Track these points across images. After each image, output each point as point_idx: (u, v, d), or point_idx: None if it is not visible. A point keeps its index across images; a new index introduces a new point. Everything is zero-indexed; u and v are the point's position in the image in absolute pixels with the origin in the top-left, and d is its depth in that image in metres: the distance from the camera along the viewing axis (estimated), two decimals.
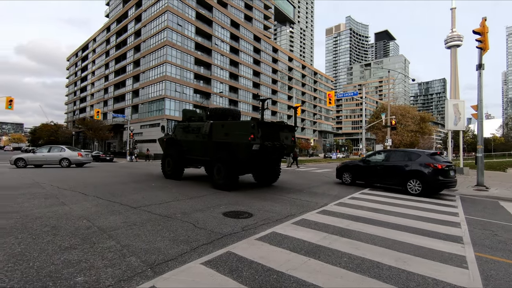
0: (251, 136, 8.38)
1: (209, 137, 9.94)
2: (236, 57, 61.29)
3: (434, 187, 8.92)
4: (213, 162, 9.53)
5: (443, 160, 9.47)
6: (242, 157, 8.86)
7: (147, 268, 2.97)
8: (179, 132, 11.64)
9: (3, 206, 5.60)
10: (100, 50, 70.68)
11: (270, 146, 8.77)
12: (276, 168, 10.83)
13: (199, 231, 4.30)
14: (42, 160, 17.39)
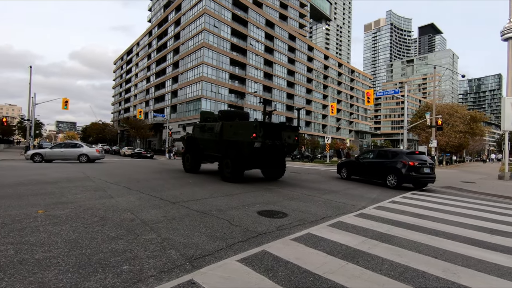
0: (253, 135, 9.48)
1: (220, 136, 11.13)
2: (270, 56, 61.32)
3: (407, 181, 10.46)
4: (223, 158, 10.88)
5: (419, 158, 10.76)
6: (246, 154, 10.00)
7: (185, 261, 3.08)
8: (197, 131, 12.99)
9: (60, 197, 6.19)
10: (143, 53, 75.09)
11: (270, 144, 9.87)
12: (281, 164, 11.94)
13: (234, 229, 4.36)
14: (59, 156, 18.06)
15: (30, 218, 4.47)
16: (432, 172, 10.80)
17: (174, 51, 58.04)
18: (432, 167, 10.81)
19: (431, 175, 10.72)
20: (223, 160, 10.88)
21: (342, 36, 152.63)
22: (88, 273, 2.70)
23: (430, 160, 11.17)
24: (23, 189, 7.04)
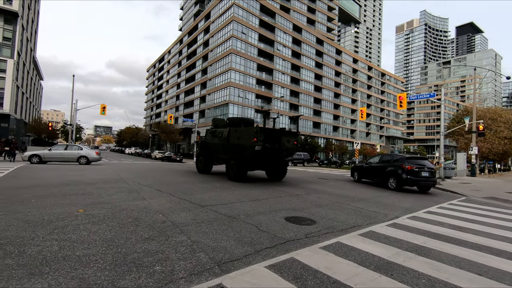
0: (254, 139, 10.61)
1: (227, 140, 12.47)
2: (297, 61, 61.07)
3: (405, 183, 11.34)
4: (229, 160, 12.22)
5: (417, 163, 11.51)
6: (248, 156, 11.16)
7: (214, 265, 3.12)
8: (209, 136, 14.46)
9: (98, 197, 6.58)
10: (174, 61, 78.20)
11: (269, 148, 11.00)
12: (282, 166, 12.99)
13: (262, 234, 4.35)
14: (59, 158, 18.00)
15: (72, 216, 4.79)
16: (432, 176, 11.49)
17: (203, 58, 59.80)
18: (432, 171, 11.52)
19: (430, 179, 11.43)
20: (229, 162, 12.20)
21: (372, 38, 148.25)
22: (123, 272, 2.83)
23: (431, 165, 11.88)
24: (66, 189, 7.58)
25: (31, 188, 7.44)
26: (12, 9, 43.16)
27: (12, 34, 44.38)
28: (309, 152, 47.38)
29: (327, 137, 66.78)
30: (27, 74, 54.91)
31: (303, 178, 14.97)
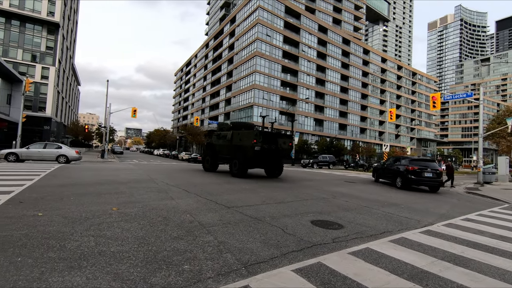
0: (254, 141, 12.42)
1: (230, 142, 14.20)
2: (323, 62, 60.13)
3: (409, 182, 12.51)
4: (232, 159, 13.92)
5: (420, 164, 12.65)
6: (249, 155, 12.96)
7: (241, 266, 3.14)
8: (214, 138, 16.04)
9: (130, 196, 6.88)
10: (200, 65, 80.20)
11: (267, 148, 12.82)
12: (278, 165, 14.83)
13: (288, 237, 4.31)
14: (37, 156, 17.69)
15: (106, 214, 5.05)
16: (437, 177, 12.37)
17: (229, 61, 60.74)
18: (436, 172, 12.39)
19: (434, 179, 12.35)
20: (232, 161, 13.96)
21: (402, 36, 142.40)
22: (154, 269, 2.93)
23: (436, 166, 12.80)
24: (100, 188, 8.01)
25: (70, 187, 7.95)
26: (54, 20, 46.62)
27: (54, 43, 47.93)
28: (335, 154, 46.33)
29: (353, 139, 64.95)
30: (66, 80, 58.96)
31: (328, 181, 14.66)
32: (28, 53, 46.32)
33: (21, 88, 30.65)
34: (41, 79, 46.43)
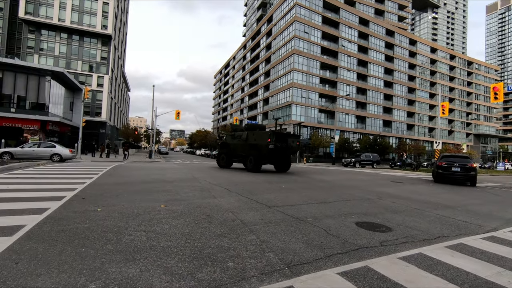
0: (268, 140, 14.35)
1: (246, 141, 16.09)
2: (364, 56, 57.38)
3: (438, 176, 14.09)
4: (247, 156, 15.87)
5: (449, 160, 13.96)
6: (264, 153, 14.99)
7: (284, 266, 3.11)
8: (229, 138, 17.85)
9: (176, 194, 7.26)
10: (238, 66, 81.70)
11: (279, 146, 14.74)
12: (287, 161, 16.96)
13: (332, 239, 4.18)
14: (31, 155, 17.97)
15: (155, 211, 5.38)
16: (465, 172, 13.41)
17: (266, 60, 60.94)
18: (465, 167, 13.47)
19: (461, 174, 13.47)
20: (248, 157, 15.85)
21: (455, 23, 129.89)
22: (200, 265, 3.04)
23: (464, 162, 13.75)
24: (149, 186, 8.57)
25: (123, 185, 8.63)
26: (107, 32, 51.08)
27: (107, 54, 52.52)
28: (379, 153, 43.90)
29: (399, 136, 60.96)
30: (118, 87, 64.23)
31: (373, 181, 13.95)
32: (86, 64, 51.40)
33: (81, 96, 34.14)
34: (97, 87, 51.23)
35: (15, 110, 29.06)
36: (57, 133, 34.01)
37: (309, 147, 48.74)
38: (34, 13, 47.51)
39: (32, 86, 30.39)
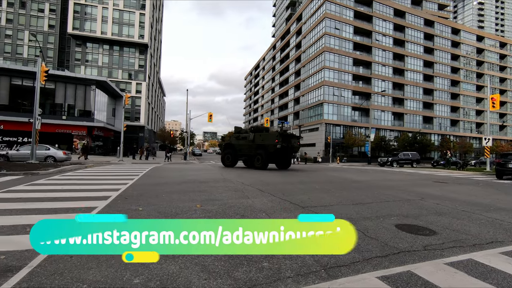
0: (276, 140, 16.19)
1: (253, 141, 17.62)
2: (400, 49, 54.44)
3: (498, 173, 15.91)
4: (255, 155, 17.55)
5: (506, 158, 15.86)
6: (271, 151, 16.74)
7: (320, 268, 3.05)
8: (233, 139, 19.33)
9: (210, 195, 7.46)
10: (268, 67, 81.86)
11: (284, 146, 16.61)
12: (289, 159, 19.19)
13: (370, 241, 4.01)
14: (26, 157, 17.86)
15: (192, 210, 5.58)
16: None
17: (296, 60, 60.36)
18: None
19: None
20: (255, 157, 17.50)
21: (505, 7, 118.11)
22: (236, 264, 3.09)
23: None
24: (185, 186, 8.91)
25: (161, 185, 9.06)
26: (144, 42, 54.07)
27: (144, 62, 55.58)
28: (419, 151, 41.31)
29: (442, 133, 56.86)
30: (154, 92, 67.64)
31: (413, 181, 13.16)
32: (125, 72, 54.86)
33: (122, 102, 36.51)
34: (135, 93, 54.42)
35: (66, 118, 31.89)
36: (102, 138, 36.71)
37: (342, 146, 47.32)
38: (80, 28, 51.81)
39: (80, 95, 33.14)
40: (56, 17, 61.15)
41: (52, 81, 30.36)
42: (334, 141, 44.92)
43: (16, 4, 59.13)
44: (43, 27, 60.71)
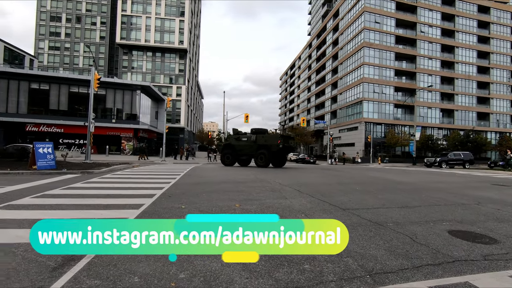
0: (279, 141, 18.47)
1: (254, 142, 19.35)
2: (450, 40, 50.16)
3: None
4: (257, 155, 19.24)
5: None
6: (273, 151, 18.78)
7: (365, 274, 2.92)
8: (232, 139, 20.90)
9: (248, 195, 7.55)
10: (304, 66, 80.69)
11: (286, 146, 19.16)
12: (285, 158, 21.76)
13: (419, 247, 3.74)
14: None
15: (231, 209, 5.69)
16: None
17: (333, 57, 58.68)
18: None
19: None
20: (258, 156, 19.24)
21: None
22: (276, 264, 3.08)
23: None
24: (224, 186, 9.12)
25: (202, 185, 9.39)
26: (184, 47, 56.62)
27: (184, 66, 58.15)
28: (473, 151, 37.64)
29: (500, 130, 51.22)
30: (193, 95, 70.45)
31: (466, 184, 12.03)
32: (167, 77, 57.92)
33: (164, 106, 38.61)
34: (176, 96, 57.18)
35: (115, 121, 34.58)
36: (146, 139, 39.13)
37: (383, 146, 44.93)
38: (127, 38, 55.86)
39: (127, 99, 35.72)
40: (106, 29, 66.70)
41: (103, 87, 33.12)
42: (375, 141, 42.79)
43: (73, 20, 65.65)
44: (95, 39, 66.61)
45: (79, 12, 66.08)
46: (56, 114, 33.36)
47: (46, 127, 32.73)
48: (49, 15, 65.30)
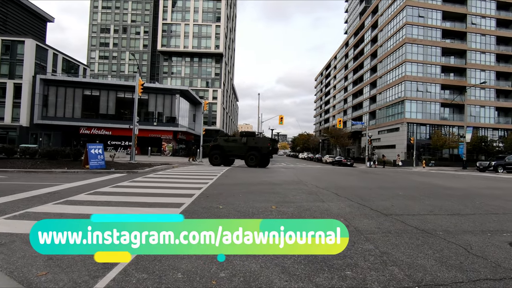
0: (269, 144, 21.13)
1: (245, 144, 21.03)
2: (507, 32, 45.42)
3: None
4: (247, 156, 20.88)
5: None
6: (263, 152, 21.12)
7: (414, 285, 2.73)
8: (221, 141, 22.08)
9: (285, 197, 7.51)
10: (340, 65, 78.40)
11: (273, 148, 22.47)
12: (269, 159, 23.89)
13: (475, 259, 3.41)
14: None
15: (267, 211, 5.69)
16: None
17: (372, 55, 56.23)
18: None
19: None
20: (248, 157, 20.84)
21: None
22: (316, 269, 3.01)
23: None
24: (260, 187, 9.17)
25: (238, 186, 9.54)
26: (219, 51, 58.25)
27: (220, 70, 59.78)
28: None
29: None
30: (228, 98, 72.03)
31: None
32: (204, 81, 60.00)
33: (201, 109, 40.02)
34: (212, 99, 58.94)
35: (156, 124, 36.61)
36: (184, 141, 40.85)
37: (428, 148, 41.90)
38: (167, 45, 58.95)
39: (167, 103, 37.64)
40: (148, 37, 71.09)
41: (145, 92, 35.28)
42: (418, 143, 40.00)
43: (120, 30, 70.98)
44: (139, 47, 71.31)
45: (125, 23, 71.30)
46: (105, 118, 36.28)
47: (96, 130, 35.80)
48: (99, 27, 71.42)
